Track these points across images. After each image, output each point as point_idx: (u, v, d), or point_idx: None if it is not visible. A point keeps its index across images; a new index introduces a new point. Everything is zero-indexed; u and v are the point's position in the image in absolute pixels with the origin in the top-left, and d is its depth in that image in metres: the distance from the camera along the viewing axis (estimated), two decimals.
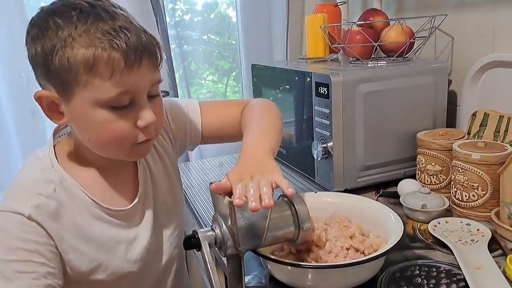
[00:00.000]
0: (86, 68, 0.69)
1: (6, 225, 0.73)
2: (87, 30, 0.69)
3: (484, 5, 1.25)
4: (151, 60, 0.74)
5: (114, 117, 0.74)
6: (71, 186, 0.80)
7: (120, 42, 0.69)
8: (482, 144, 1.06)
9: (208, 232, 0.76)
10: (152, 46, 0.74)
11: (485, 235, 0.95)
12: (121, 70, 0.70)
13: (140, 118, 0.75)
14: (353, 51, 1.33)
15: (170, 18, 1.81)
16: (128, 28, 0.71)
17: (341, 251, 0.82)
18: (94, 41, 0.69)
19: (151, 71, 0.75)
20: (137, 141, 0.78)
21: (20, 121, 1.67)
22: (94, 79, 0.70)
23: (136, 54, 0.71)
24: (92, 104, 0.72)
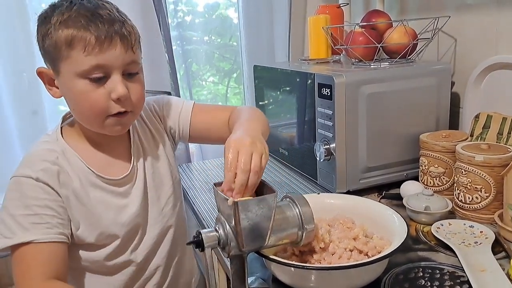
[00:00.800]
0: (66, 45, 0.83)
1: (19, 187, 0.88)
2: (71, 15, 0.84)
3: (488, 7, 1.25)
4: (122, 41, 0.86)
5: (91, 88, 0.86)
6: (71, 156, 0.93)
7: (94, 24, 0.83)
8: (486, 146, 1.05)
9: (212, 233, 0.75)
10: (124, 30, 0.86)
11: (488, 237, 0.95)
12: (92, 45, 0.83)
13: (112, 91, 0.87)
14: (356, 53, 1.33)
15: (172, 19, 1.81)
16: (105, 15, 0.85)
17: (345, 253, 0.81)
18: (74, 23, 0.83)
19: (123, 51, 0.86)
20: (110, 113, 0.88)
21: (22, 120, 1.67)
22: (72, 53, 0.84)
23: (107, 35, 0.84)
24: (73, 75, 0.85)
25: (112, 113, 0.89)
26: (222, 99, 2.05)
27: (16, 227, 0.85)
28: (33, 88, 1.66)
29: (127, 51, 0.87)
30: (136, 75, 0.91)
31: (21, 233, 0.84)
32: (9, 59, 1.62)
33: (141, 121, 1.05)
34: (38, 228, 0.85)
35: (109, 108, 0.88)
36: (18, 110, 1.66)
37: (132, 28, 0.89)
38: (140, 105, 0.95)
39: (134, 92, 0.90)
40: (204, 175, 1.56)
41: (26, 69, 1.64)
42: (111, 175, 0.96)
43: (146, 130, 1.05)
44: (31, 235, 0.84)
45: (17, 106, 1.66)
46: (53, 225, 0.87)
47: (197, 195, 1.38)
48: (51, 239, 0.86)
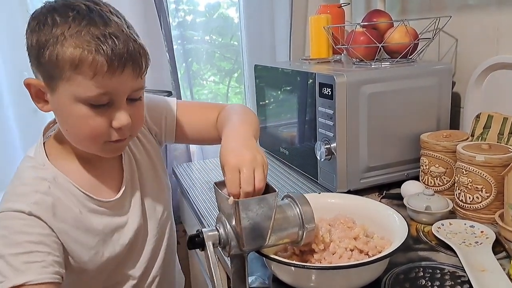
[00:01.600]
0: (72, 66, 0.74)
1: (9, 223, 0.77)
2: (79, 31, 0.74)
3: (489, 6, 1.25)
4: (134, 68, 0.78)
5: (91, 114, 0.78)
6: (63, 182, 0.85)
7: (106, 48, 0.74)
8: (486, 146, 1.05)
9: (212, 232, 0.76)
10: (138, 56, 0.78)
11: (489, 237, 0.95)
12: (103, 73, 0.74)
13: (115, 119, 0.80)
14: (357, 52, 1.33)
15: (173, 19, 1.81)
16: (118, 36, 0.75)
17: (345, 252, 0.81)
18: (82, 43, 0.73)
19: (133, 78, 0.79)
20: (110, 139, 0.82)
21: (22, 119, 1.67)
22: (77, 77, 0.75)
23: (120, 61, 0.75)
24: (73, 99, 0.77)
25: (112, 140, 0.82)
26: (223, 99, 2.05)
27: (7, 268, 0.74)
28: None
29: (137, 79, 0.80)
30: (139, 100, 0.85)
31: (13, 275, 0.73)
32: (10, 59, 1.61)
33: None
34: (32, 267, 0.75)
35: (109, 135, 0.82)
36: (18, 110, 1.66)
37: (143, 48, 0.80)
38: (139, 129, 0.91)
39: (135, 118, 0.84)
40: (205, 175, 1.56)
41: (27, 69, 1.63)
42: (106, 196, 0.90)
43: (135, 140, 0.99)
44: (24, 277, 0.74)
45: (17, 105, 1.66)
46: (48, 263, 0.77)
47: (198, 194, 1.38)
48: (47, 280, 0.75)
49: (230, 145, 0.81)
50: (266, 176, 0.76)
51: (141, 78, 0.81)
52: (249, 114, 1.00)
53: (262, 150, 0.81)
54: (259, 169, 0.75)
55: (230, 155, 0.77)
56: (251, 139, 0.84)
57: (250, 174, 0.74)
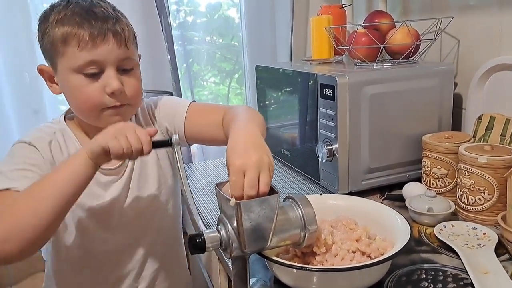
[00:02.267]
0: (62, 42, 0.88)
1: (15, 149, 0.94)
2: (67, 13, 0.89)
3: (491, 7, 1.24)
4: (115, 37, 0.90)
5: (86, 82, 0.90)
6: (68, 135, 0.99)
7: (87, 22, 0.88)
8: (489, 147, 1.05)
9: (214, 234, 0.75)
10: (118, 28, 0.91)
11: (491, 239, 0.94)
12: (85, 42, 0.87)
13: (106, 85, 0.91)
14: (359, 53, 1.33)
15: (174, 20, 1.80)
16: (99, 12, 0.90)
17: (347, 254, 0.81)
18: (69, 21, 0.88)
19: (115, 47, 0.90)
20: (106, 105, 0.92)
21: (23, 120, 1.67)
22: (67, 50, 0.89)
23: (99, 31, 0.88)
24: (69, 71, 0.90)
25: (108, 106, 0.92)
26: (223, 100, 2.04)
27: (1, 179, 0.87)
28: (34, 87, 1.66)
29: (121, 47, 0.91)
30: (131, 71, 0.95)
31: (3, 182, 0.86)
32: (11, 58, 1.61)
33: (138, 120, 1.07)
34: (22, 179, 0.86)
35: (104, 102, 0.92)
36: (19, 110, 1.66)
37: (126, 25, 0.93)
38: (136, 99, 0.98)
39: (128, 86, 0.94)
40: (206, 176, 1.56)
41: (28, 68, 1.64)
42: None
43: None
44: (11, 183, 0.85)
45: (18, 106, 1.66)
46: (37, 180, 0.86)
47: (199, 195, 1.37)
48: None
49: (237, 146, 0.78)
50: (271, 178, 0.75)
51: (127, 48, 0.92)
52: (255, 113, 1.00)
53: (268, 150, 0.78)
54: (265, 173, 0.73)
55: (236, 156, 0.75)
56: (258, 138, 0.82)
57: (254, 177, 0.72)
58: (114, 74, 0.91)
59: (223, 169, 1.61)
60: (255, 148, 0.76)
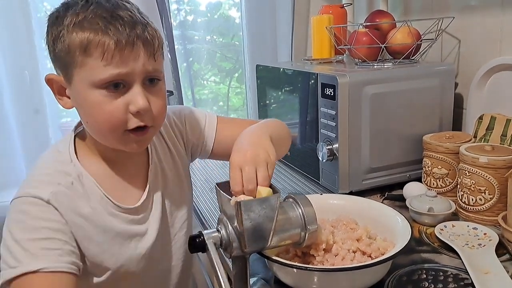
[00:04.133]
0: (81, 50, 0.74)
1: (28, 208, 0.76)
2: (87, 16, 0.74)
3: (492, 8, 1.24)
4: (145, 47, 0.76)
5: (107, 99, 0.76)
6: (87, 181, 0.83)
7: (113, 27, 0.73)
8: (490, 147, 1.05)
9: (214, 233, 0.75)
10: (147, 35, 0.77)
11: (492, 239, 0.94)
12: (112, 52, 0.73)
13: (131, 103, 0.77)
14: (359, 53, 1.32)
15: (174, 19, 1.80)
16: (126, 17, 0.75)
17: (348, 254, 0.81)
18: (91, 25, 0.74)
19: (144, 59, 0.77)
20: (128, 127, 0.79)
21: (23, 119, 1.67)
22: (88, 60, 0.74)
23: (128, 40, 0.74)
24: (88, 85, 0.76)
25: (130, 128, 0.79)
26: (223, 99, 2.04)
27: (23, 253, 0.72)
28: (34, 86, 1.65)
29: (150, 59, 0.77)
30: (158, 85, 0.82)
31: (28, 260, 0.72)
32: (11, 58, 1.61)
33: (160, 138, 0.96)
34: (48, 255, 0.73)
35: (127, 122, 0.78)
36: (19, 109, 1.66)
37: (155, 31, 0.79)
38: (161, 119, 0.85)
39: (155, 104, 0.80)
40: (206, 175, 1.56)
41: (28, 68, 1.64)
42: (127, 201, 0.87)
43: (165, 149, 0.96)
44: (40, 263, 0.72)
45: (18, 105, 1.66)
46: (65, 252, 0.75)
47: (199, 194, 1.37)
48: (63, 269, 0.74)
49: (237, 144, 0.81)
50: (271, 174, 0.76)
51: (155, 60, 0.79)
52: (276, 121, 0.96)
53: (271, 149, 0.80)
54: (261, 167, 0.76)
55: (234, 153, 0.78)
56: (260, 138, 0.82)
57: (251, 172, 0.74)
58: (141, 90, 0.77)
59: (223, 169, 1.61)
60: (253, 145, 0.79)
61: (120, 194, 0.86)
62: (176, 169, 0.97)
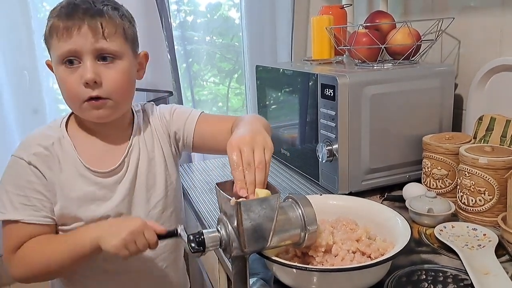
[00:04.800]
0: (49, 35, 0.92)
1: (14, 166, 0.95)
2: (56, 8, 0.93)
3: (492, 8, 1.24)
4: (91, 30, 0.90)
5: (66, 73, 0.92)
6: (66, 144, 0.98)
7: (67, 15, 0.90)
8: (489, 148, 1.05)
9: (214, 233, 0.75)
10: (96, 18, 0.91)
11: (492, 240, 0.94)
12: (62, 32, 0.89)
13: (82, 76, 0.91)
14: (359, 53, 1.32)
15: (174, 19, 1.80)
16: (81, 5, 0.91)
17: (348, 255, 0.81)
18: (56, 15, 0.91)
19: (91, 39, 0.90)
20: (82, 98, 0.92)
21: (22, 119, 1.66)
22: (52, 41, 0.92)
23: (75, 22, 0.89)
24: (55, 63, 0.93)
25: (84, 98, 0.92)
26: (223, 100, 2.04)
27: (8, 204, 0.92)
28: (34, 86, 1.65)
29: (97, 38, 0.90)
30: (113, 63, 0.93)
31: (12, 211, 0.92)
32: (11, 57, 1.61)
33: (147, 123, 1.07)
34: (25, 209, 0.92)
35: (81, 93, 0.91)
36: (18, 109, 1.66)
37: (109, 18, 0.92)
38: (118, 92, 0.95)
39: (108, 77, 0.92)
40: (205, 175, 1.56)
41: (27, 68, 1.63)
42: (101, 166, 0.98)
43: (149, 132, 1.07)
44: (19, 215, 0.92)
45: (18, 105, 1.65)
46: (39, 208, 0.93)
47: (198, 195, 1.37)
48: (37, 221, 0.93)
49: (235, 131, 0.87)
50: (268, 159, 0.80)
51: (106, 40, 0.91)
52: (261, 118, 1.03)
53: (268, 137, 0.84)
54: (258, 149, 0.79)
55: (233, 138, 0.83)
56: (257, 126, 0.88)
57: (249, 153, 0.79)
58: (89, 64, 0.90)
59: (223, 169, 1.61)
60: (251, 130, 0.85)
61: (94, 160, 0.98)
62: (157, 148, 1.06)
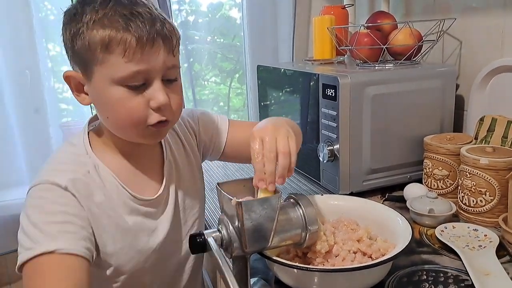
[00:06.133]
0: (103, 47, 0.75)
1: (45, 194, 0.77)
2: (106, 13, 0.75)
3: (494, 9, 1.24)
4: (164, 43, 0.78)
5: (129, 95, 0.78)
6: (103, 171, 0.84)
7: (134, 25, 0.75)
8: (491, 149, 1.05)
9: (215, 233, 0.75)
10: (166, 32, 0.78)
11: (492, 241, 0.94)
12: (133, 49, 0.74)
13: (152, 99, 0.79)
14: (361, 54, 1.32)
15: (175, 19, 1.80)
16: (145, 13, 0.77)
17: (349, 255, 0.81)
18: (111, 23, 0.75)
19: (164, 54, 0.78)
20: (150, 123, 0.80)
21: (24, 118, 1.67)
22: (109, 57, 0.75)
23: (148, 36, 0.75)
24: (109, 82, 0.77)
25: (152, 123, 0.80)
26: (224, 99, 2.04)
27: (40, 235, 0.73)
28: (35, 86, 1.66)
29: (169, 55, 0.79)
30: (175, 82, 0.84)
31: (45, 241, 0.72)
32: (12, 57, 1.61)
33: (174, 135, 0.98)
34: (65, 237, 0.73)
35: (148, 117, 0.80)
36: (20, 108, 1.66)
37: (173, 27, 0.81)
38: (179, 114, 0.87)
39: (174, 99, 0.82)
40: (206, 175, 1.55)
41: (29, 67, 1.64)
42: (143, 194, 0.88)
43: (179, 145, 0.98)
44: (57, 243, 0.72)
45: (19, 104, 1.66)
46: (81, 236, 0.76)
47: None
48: (79, 252, 0.74)
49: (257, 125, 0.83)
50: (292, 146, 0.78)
51: (174, 56, 0.81)
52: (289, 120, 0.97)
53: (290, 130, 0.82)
54: (281, 137, 0.77)
55: (254, 129, 0.80)
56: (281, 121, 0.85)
57: (272, 141, 0.76)
58: (161, 86, 0.79)
59: (224, 169, 1.61)
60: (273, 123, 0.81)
61: (136, 187, 0.87)
62: (190, 165, 0.99)
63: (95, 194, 0.82)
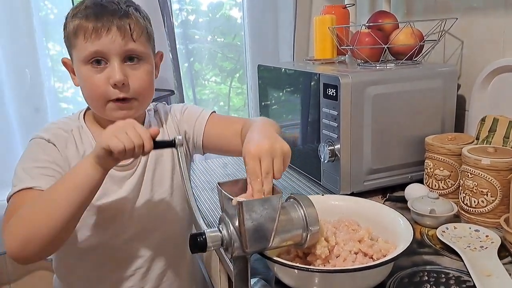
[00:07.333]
0: (74, 35, 0.94)
1: (34, 146, 0.97)
2: (81, 8, 0.94)
3: (495, 9, 1.24)
4: (119, 30, 0.92)
5: (92, 73, 0.94)
6: (84, 133, 1.01)
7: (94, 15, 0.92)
8: (492, 149, 1.04)
9: (215, 233, 0.74)
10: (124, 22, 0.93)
11: (494, 241, 0.94)
12: (90, 34, 0.91)
13: (111, 77, 0.93)
14: (362, 53, 1.32)
15: (176, 18, 1.80)
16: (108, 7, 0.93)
17: (350, 255, 0.80)
18: (81, 15, 0.93)
19: (118, 39, 0.92)
20: (109, 97, 0.94)
21: (24, 117, 1.66)
22: (77, 41, 0.93)
23: (104, 24, 0.91)
24: (79, 62, 0.94)
25: (111, 99, 0.94)
26: (224, 99, 2.04)
27: (25, 176, 0.91)
28: (35, 85, 1.65)
29: (125, 39, 0.93)
30: (138, 64, 0.96)
31: (27, 180, 0.90)
32: (12, 56, 1.61)
33: (158, 120, 1.09)
34: (44, 179, 0.91)
35: (108, 93, 0.94)
36: (20, 108, 1.66)
37: (135, 20, 0.95)
38: (144, 93, 0.98)
39: (134, 79, 0.95)
40: (207, 175, 1.55)
41: (29, 66, 1.63)
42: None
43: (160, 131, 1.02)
44: (34, 182, 0.90)
45: (19, 103, 1.66)
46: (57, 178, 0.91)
47: (200, 194, 1.37)
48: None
49: (252, 138, 0.84)
50: (286, 167, 0.80)
51: (134, 41, 0.94)
52: (271, 121, 1.04)
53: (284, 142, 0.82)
54: (278, 159, 0.78)
55: (251, 144, 0.81)
56: (272, 132, 0.87)
57: (269, 163, 0.77)
58: (117, 65, 0.93)
59: (224, 169, 1.60)
60: (268, 137, 0.82)
61: None
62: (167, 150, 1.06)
63: (72, 146, 0.98)
